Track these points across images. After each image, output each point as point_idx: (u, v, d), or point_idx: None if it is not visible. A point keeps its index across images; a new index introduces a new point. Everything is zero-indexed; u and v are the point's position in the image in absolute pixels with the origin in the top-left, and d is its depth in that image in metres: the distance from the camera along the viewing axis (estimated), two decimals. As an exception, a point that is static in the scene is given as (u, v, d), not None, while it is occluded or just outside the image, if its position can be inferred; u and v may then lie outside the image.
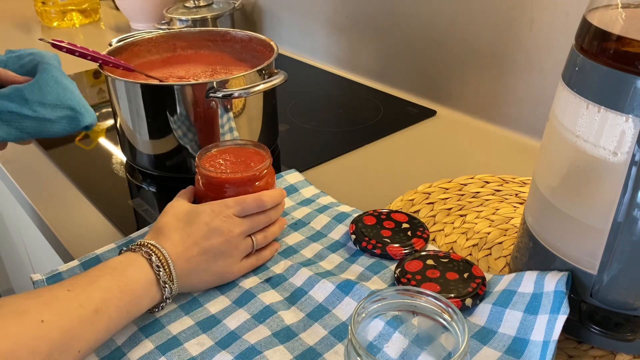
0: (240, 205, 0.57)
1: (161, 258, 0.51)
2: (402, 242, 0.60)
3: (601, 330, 0.47)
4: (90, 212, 0.72)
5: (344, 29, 1.13)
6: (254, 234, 0.58)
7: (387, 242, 0.60)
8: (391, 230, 0.62)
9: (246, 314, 0.53)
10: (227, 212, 0.56)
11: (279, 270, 0.58)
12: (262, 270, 0.59)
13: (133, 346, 0.50)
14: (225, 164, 0.62)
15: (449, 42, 0.94)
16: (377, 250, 0.59)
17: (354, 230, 0.62)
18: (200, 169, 0.60)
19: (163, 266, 0.51)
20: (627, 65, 0.40)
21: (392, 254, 0.59)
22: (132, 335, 0.51)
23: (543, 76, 0.82)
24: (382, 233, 0.61)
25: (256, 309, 0.53)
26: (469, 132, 0.91)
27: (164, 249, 0.52)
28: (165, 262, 0.51)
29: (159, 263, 0.51)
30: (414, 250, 0.59)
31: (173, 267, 0.52)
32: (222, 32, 0.86)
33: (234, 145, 0.64)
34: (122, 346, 0.50)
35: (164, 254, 0.52)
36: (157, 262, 0.51)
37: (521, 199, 0.69)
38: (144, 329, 0.52)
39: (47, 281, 0.56)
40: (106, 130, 0.94)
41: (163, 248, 0.52)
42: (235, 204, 0.57)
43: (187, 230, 0.54)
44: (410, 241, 0.60)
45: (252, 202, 0.58)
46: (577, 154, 0.45)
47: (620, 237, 0.43)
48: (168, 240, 0.53)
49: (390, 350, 0.45)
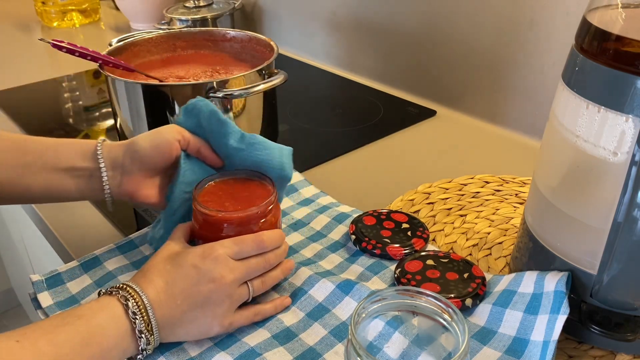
0: (238, 246, 0.50)
1: (140, 304, 0.45)
2: (402, 242, 0.60)
3: (601, 330, 0.47)
4: (90, 212, 0.72)
5: (344, 29, 1.13)
6: (251, 280, 0.51)
7: (387, 242, 0.60)
8: (391, 231, 0.62)
9: None
10: (220, 253, 0.49)
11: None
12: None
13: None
14: (226, 199, 0.54)
15: (449, 42, 0.94)
16: (377, 251, 0.59)
17: (354, 231, 0.62)
18: (196, 204, 0.52)
19: (141, 313, 0.45)
20: (627, 65, 0.40)
21: (392, 254, 0.59)
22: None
23: (543, 76, 0.82)
24: (382, 233, 0.61)
25: None
26: (469, 132, 0.91)
27: (144, 294, 0.46)
28: (144, 309, 0.45)
29: (136, 309, 0.45)
30: (414, 251, 0.59)
31: (153, 315, 0.46)
32: (222, 32, 0.86)
33: (235, 178, 0.56)
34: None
35: (142, 299, 0.45)
36: (133, 308, 0.45)
37: (521, 199, 0.69)
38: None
39: (47, 282, 0.56)
40: (106, 130, 0.94)
41: (143, 293, 0.46)
42: (233, 244, 0.50)
43: (174, 274, 0.48)
44: (410, 241, 0.60)
45: (250, 242, 0.50)
46: (577, 154, 0.45)
47: (620, 237, 0.43)
48: (151, 283, 0.47)
49: (390, 350, 0.45)
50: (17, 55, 1.31)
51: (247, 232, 0.52)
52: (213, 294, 0.47)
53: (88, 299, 0.55)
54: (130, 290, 0.46)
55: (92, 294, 0.55)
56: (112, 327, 0.44)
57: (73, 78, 1.17)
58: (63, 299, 0.55)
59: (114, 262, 0.59)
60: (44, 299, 0.55)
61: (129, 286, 0.46)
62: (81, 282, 0.57)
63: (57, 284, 0.56)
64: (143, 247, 0.61)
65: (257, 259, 0.51)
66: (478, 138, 0.88)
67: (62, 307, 0.54)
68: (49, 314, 0.53)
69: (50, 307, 0.54)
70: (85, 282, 0.57)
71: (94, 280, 0.57)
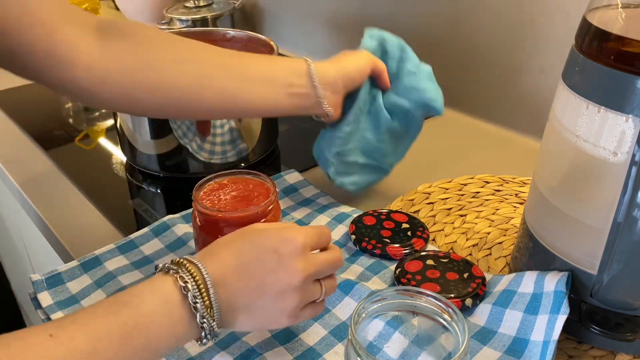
0: (319, 237, 0.45)
1: (200, 284, 0.39)
2: (402, 242, 0.60)
3: (601, 330, 0.47)
4: (90, 212, 0.72)
5: (344, 29, 1.13)
6: (324, 279, 0.45)
7: (387, 242, 0.60)
8: (391, 231, 0.62)
9: None
10: (302, 241, 0.43)
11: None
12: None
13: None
14: (226, 199, 0.55)
15: (449, 42, 0.94)
16: (377, 251, 0.59)
17: (353, 231, 0.62)
18: (196, 204, 0.53)
19: (202, 296, 0.39)
20: (627, 65, 0.40)
21: (392, 254, 0.59)
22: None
23: (543, 76, 0.82)
24: (382, 233, 0.61)
25: None
26: (469, 132, 0.91)
27: (206, 271, 0.40)
28: (205, 289, 0.39)
29: (197, 293, 0.39)
30: (414, 251, 0.59)
31: (215, 297, 0.39)
32: (222, 32, 0.86)
33: (235, 178, 0.57)
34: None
35: (204, 278, 0.39)
36: (194, 292, 0.39)
37: (521, 199, 0.69)
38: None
39: (47, 281, 0.56)
40: (106, 130, 0.94)
41: (206, 269, 0.40)
42: (314, 234, 0.44)
43: (250, 252, 0.42)
44: (410, 241, 0.60)
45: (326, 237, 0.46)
46: (577, 154, 0.45)
47: (620, 237, 0.43)
48: (218, 258, 0.41)
49: (390, 350, 0.45)
50: (17, 55, 1.31)
51: None
52: (290, 284, 0.42)
53: (88, 299, 0.55)
54: (190, 267, 0.40)
55: (92, 293, 0.55)
56: (165, 315, 0.38)
57: (73, 78, 1.17)
58: (63, 298, 0.55)
59: (114, 262, 0.59)
60: (44, 299, 0.55)
61: (190, 261, 0.40)
62: (81, 282, 0.57)
63: (57, 284, 0.56)
64: (143, 247, 0.61)
65: (328, 256, 0.45)
66: (478, 138, 0.88)
67: (62, 307, 0.54)
68: (49, 313, 0.53)
69: (50, 306, 0.54)
70: (85, 282, 0.57)
71: (94, 280, 0.57)
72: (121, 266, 0.59)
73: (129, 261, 0.60)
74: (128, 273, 0.58)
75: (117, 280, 0.57)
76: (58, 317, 0.53)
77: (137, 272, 0.58)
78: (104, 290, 0.56)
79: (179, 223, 0.64)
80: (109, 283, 0.56)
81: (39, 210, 0.73)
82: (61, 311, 0.53)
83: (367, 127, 0.65)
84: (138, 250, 0.61)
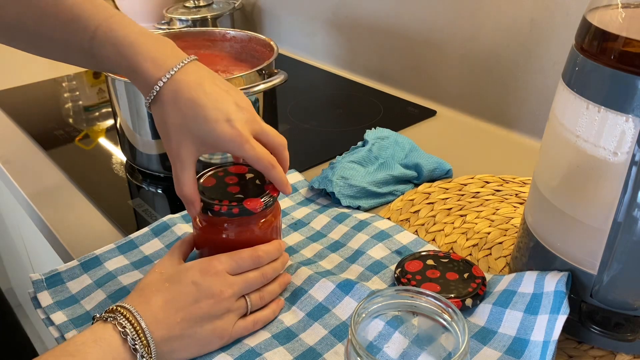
0: (235, 261, 0.50)
1: (137, 328, 0.44)
2: (256, 193, 0.53)
3: (601, 330, 0.47)
4: (90, 212, 0.72)
5: (344, 29, 1.13)
6: (249, 294, 0.51)
7: (240, 197, 0.53)
8: (238, 185, 0.55)
9: None
10: (219, 268, 0.49)
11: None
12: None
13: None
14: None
15: (449, 42, 0.94)
16: (235, 210, 0.51)
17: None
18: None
19: (140, 338, 0.44)
20: (627, 65, 0.40)
21: (251, 209, 0.52)
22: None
23: (543, 76, 0.82)
24: (229, 190, 0.54)
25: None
26: (469, 132, 0.91)
27: (140, 316, 0.45)
28: (142, 332, 0.44)
29: (135, 336, 0.44)
30: (272, 199, 0.53)
31: (151, 337, 0.45)
32: (222, 32, 0.86)
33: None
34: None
35: (140, 322, 0.44)
36: (132, 335, 0.44)
37: (521, 199, 0.69)
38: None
39: (46, 281, 0.56)
40: (106, 130, 0.94)
41: (139, 315, 0.45)
42: (230, 259, 0.50)
43: (173, 291, 0.47)
44: (264, 190, 0.54)
45: (247, 257, 0.51)
46: (577, 154, 0.45)
47: (620, 237, 0.43)
48: (148, 303, 0.46)
49: (390, 350, 0.45)
50: (17, 55, 1.31)
51: (248, 231, 0.53)
52: (212, 309, 0.48)
53: (87, 299, 0.55)
54: (125, 313, 0.45)
55: (92, 293, 0.55)
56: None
57: (73, 78, 1.17)
58: (63, 298, 0.55)
59: (114, 262, 0.59)
60: (44, 298, 0.55)
61: (125, 308, 0.45)
62: (81, 282, 0.57)
63: (57, 284, 0.56)
64: (143, 247, 0.61)
65: (254, 273, 0.51)
66: (478, 138, 0.88)
67: (62, 307, 0.54)
68: (49, 313, 0.53)
69: (50, 306, 0.54)
70: (85, 282, 0.57)
71: (93, 280, 0.57)
72: (121, 266, 0.59)
73: (128, 261, 0.60)
74: (128, 273, 0.58)
75: (117, 280, 0.57)
76: (58, 316, 0.53)
77: (136, 272, 0.58)
78: (104, 290, 0.56)
79: (179, 223, 0.64)
80: (108, 283, 0.56)
81: (39, 210, 0.73)
82: (61, 311, 0.53)
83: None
84: (138, 250, 0.61)
